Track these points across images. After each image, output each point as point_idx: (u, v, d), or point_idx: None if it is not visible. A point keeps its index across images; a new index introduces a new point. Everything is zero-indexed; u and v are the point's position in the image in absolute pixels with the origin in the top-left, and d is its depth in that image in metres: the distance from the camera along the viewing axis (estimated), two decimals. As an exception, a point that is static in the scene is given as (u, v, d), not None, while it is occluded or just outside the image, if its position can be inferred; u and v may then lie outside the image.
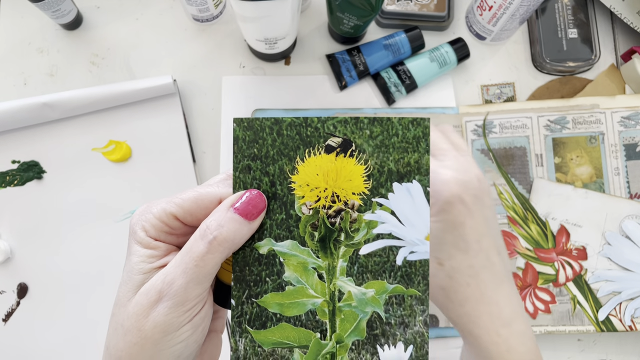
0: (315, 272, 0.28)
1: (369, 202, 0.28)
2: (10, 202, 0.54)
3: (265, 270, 0.28)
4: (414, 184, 0.28)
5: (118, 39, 0.58)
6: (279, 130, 0.28)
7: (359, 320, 0.28)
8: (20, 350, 0.52)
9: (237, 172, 0.27)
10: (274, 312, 0.27)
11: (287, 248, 0.28)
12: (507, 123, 0.56)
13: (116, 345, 0.24)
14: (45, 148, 0.54)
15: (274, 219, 0.27)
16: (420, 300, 0.27)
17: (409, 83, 0.56)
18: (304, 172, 0.28)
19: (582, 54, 0.58)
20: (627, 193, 0.55)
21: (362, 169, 0.28)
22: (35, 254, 0.53)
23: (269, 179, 0.28)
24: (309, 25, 0.59)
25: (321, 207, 0.27)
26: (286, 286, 0.27)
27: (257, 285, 0.27)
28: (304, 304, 0.28)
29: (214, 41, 0.59)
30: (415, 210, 0.29)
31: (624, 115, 0.56)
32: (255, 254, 0.27)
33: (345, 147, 0.28)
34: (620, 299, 0.52)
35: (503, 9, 0.52)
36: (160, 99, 0.55)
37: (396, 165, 0.28)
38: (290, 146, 0.28)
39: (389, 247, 0.28)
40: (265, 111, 0.55)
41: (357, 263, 0.28)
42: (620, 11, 0.57)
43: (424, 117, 0.29)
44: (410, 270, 0.28)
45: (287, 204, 0.28)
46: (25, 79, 0.57)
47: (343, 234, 0.28)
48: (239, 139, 0.28)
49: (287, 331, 0.28)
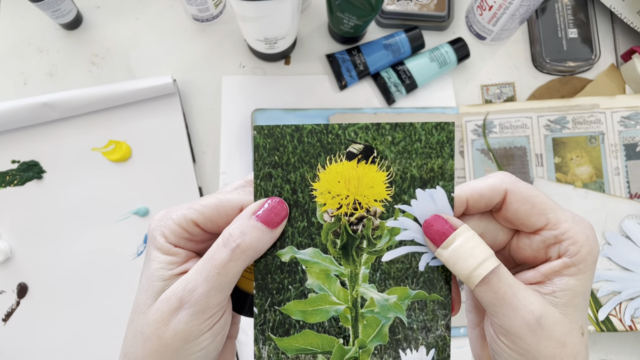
0: (337, 279, 0.28)
1: (391, 208, 0.27)
2: (10, 202, 0.54)
3: (288, 278, 0.28)
4: (437, 189, 0.27)
5: (118, 38, 0.58)
6: (299, 137, 0.28)
7: (382, 325, 0.28)
8: (20, 350, 0.52)
9: (258, 179, 0.27)
10: (297, 319, 0.28)
11: (309, 256, 0.28)
12: (507, 123, 0.56)
13: (135, 352, 0.23)
14: (45, 148, 0.54)
15: (296, 226, 0.27)
16: (442, 305, 0.28)
17: (409, 83, 0.56)
18: (325, 180, 0.27)
19: (582, 54, 0.58)
20: (627, 193, 0.55)
21: (384, 176, 0.28)
22: (35, 254, 0.53)
23: (290, 186, 0.27)
24: (309, 25, 0.59)
25: (343, 215, 0.27)
26: (309, 293, 0.28)
27: (280, 293, 0.27)
28: (327, 310, 0.28)
29: (213, 41, 0.59)
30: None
31: (624, 115, 0.56)
32: (277, 262, 0.27)
33: (366, 153, 0.27)
34: (620, 299, 0.52)
35: (503, 8, 0.52)
36: (160, 99, 0.55)
37: (419, 171, 0.28)
38: (312, 153, 0.28)
39: (412, 253, 0.28)
40: (265, 111, 0.55)
41: (380, 270, 0.28)
42: (620, 11, 0.57)
43: (447, 122, 0.28)
44: (432, 275, 0.28)
45: (309, 211, 0.27)
46: (25, 78, 0.57)
47: (365, 241, 0.28)
48: (260, 147, 0.27)
49: (311, 338, 0.28)
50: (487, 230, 0.27)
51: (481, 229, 0.27)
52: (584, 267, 0.24)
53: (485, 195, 0.25)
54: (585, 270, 0.24)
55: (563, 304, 0.24)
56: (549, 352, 0.23)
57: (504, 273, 0.24)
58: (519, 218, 0.25)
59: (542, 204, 0.24)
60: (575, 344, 0.24)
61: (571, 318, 0.24)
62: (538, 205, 0.24)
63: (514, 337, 0.24)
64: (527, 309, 0.23)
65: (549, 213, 0.24)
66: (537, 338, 0.23)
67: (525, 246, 0.25)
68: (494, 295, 0.24)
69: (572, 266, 0.24)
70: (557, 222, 0.24)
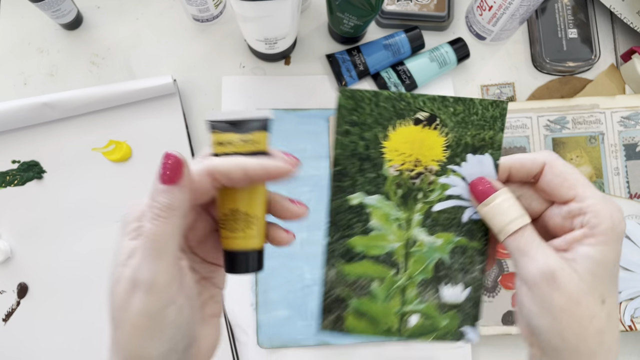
0: (395, 222, 0.34)
1: (444, 168, 0.33)
2: (11, 202, 0.54)
3: (355, 218, 0.34)
4: (485, 156, 0.33)
5: (118, 38, 0.58)
6: (376, 101, 0.33)
7: (427, 263, 0.34)
8: (20, 350, 0.52)
9: (338, 134, 0.33)
10: (359, 251, 0.34)
11: (375, 201, 0.34)
12: (507, 123, 0.56)
13: (118, 339, 0.24)
14: (45, 148, 0.54)
15: (366, 176, 0.33)
16: (480, 252, 0.33)
17: (409, 83, 0.56)
18: (394, 139, 0.33)
19: (582, 54, 0.58)
20: (627, 193, 0.55)
21: (442, 140, 0.33)
22: (36, 254, 0.53)
23: (365, 142, 0.33)
24: (309, 25, 0.59)
25: (405, 170, 0.33)
26: (370, 232, 0.33)
27: (348, 228, 0.34)
28: (384, 247, 0.34)
29: (214, 41, 0.59)
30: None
31: (624, 115, 0.56)
32: (346, 205, 0.33)
33: (430, 120, 0.33)
34: (620, 299, 0.52)
35: (503, 9, 0.52)
36: (161, 99, 0.55)
37: (472, 139, 0.33)
38: (385, 116, 0.33)
39: (457, 206, 0.33)
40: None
41: (430, 217, 0.34)
42: (620, 11, 0.57)
43: (502, 100, 0.34)
44: (473, 227, 0.33)
45: (378, 165, 0.33)
46: (26, 79, 0.57)
47: (421, 193, 0.33)
48: (341, 107, 0.32)
49: (368, 267, 0.34)
50: (524, 197, 0.30)
51: (519, 194, 0.30)
52: (603, 240, 0.26)
53: (526, 165, 0.28)
54: (606, 243, 0.26)
55: (582, 269, 0.26)
56: (562, 305, 0.25)
57: (531, 231, 0.27)
58: (551, 188, 0.27)
59: (574, 180, 0.27)
60: (590, 306, 0.25)
61: (589, 284, 0.25)
62: (570, 180, 0.27)
63: (532, 286, 0.26)
64: (544, 261, 0.26)
65: (578, 188, 0.27)
66: (551, 289, 0.25)
67: (555, 215, 0.28)
68: (518, 246, 0.27)
69: (591, 237, 0.26)
70: (585, 197, 0.26)
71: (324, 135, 0.55)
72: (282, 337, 0.52)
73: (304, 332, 0.52)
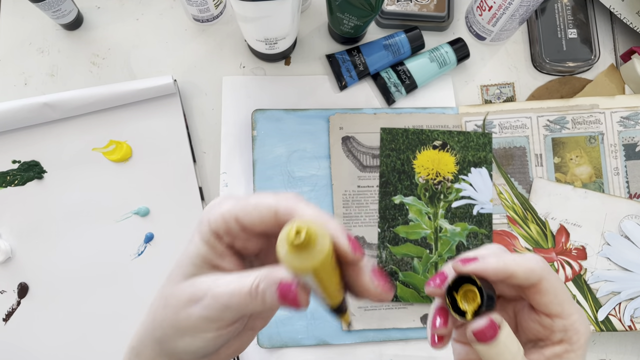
0: (426, 215, 0.51)
1: (457, 177, 0.52)
2: (11, 202, 0.54)
3: (397, 212, 0.51)
4: (482, 169, 0.53)
5: (118, 39, 0.58)
6: (406, 134, 0.53)
7: (451, 245, 0.51)
8: (20, 350, 0.52)
9: (383, 157, 0.52)
10: (402, 236, 0.51)
11: (411, 200, 0.52)
12: (506, 123, 0.56)
13: (156, 310, 0.25)
14: (45, 148, 0.54)
15: (403, 184, 0.52)
16: (487, 236, 0.51)
17: (409, 83, 0.56)
18: (420, 159, 0.52)
19: (582, 54, 0.58)
20: (627, 193, 0.55)
21: (453, 159, 0.52)
22: (36, 254, 0.53)
23: (401, 161, 0.52)
24: (309, 25, 0.59)
25: (430, 179, 0.52)
26: (409, 222, 0.51)
27: (393, 220, 0.51)
28: (420, 232, 0.51)
29: (214, 41, 0.59)
30: (483, 184, 0.53)
31: (624, 115, 0.56)
32: (392, 204, 0.51)
33: (443, 146, 0.53)
34: (619, 299, 0.52)
35: (503, 9, 0.52)
36: (161, 99, 0.55)
37: (473, 158, 0.53)
38: (413, 144, 0.53)
39: (468, 204, 0.52)
40: (266, 111, 0.55)
41: (450, 211, 0.51)
42: (620, 11, 0.57)
43: (489, 132, 0.54)
44: (481, 218, 0.52)
45: (410, 176, 0.52)
46: (26, 79, 0.57)
47: (442, 195, 0.52)
48: (384, 139, 0.53)
49: (410, 248, 0.51)
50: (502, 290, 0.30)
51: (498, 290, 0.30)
52: (581, 353, 0.28)
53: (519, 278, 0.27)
54: (583, 355, 0.28)
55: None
56: None
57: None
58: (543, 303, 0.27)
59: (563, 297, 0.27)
60: None
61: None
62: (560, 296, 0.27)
63: None
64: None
65: (565, 304, 0.27)
66: None
67: (534, 321, 0.28)
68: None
69: (571, 352, 0.27)
70: (569, 314, 0.27)
71: (324, 135, 0.55)
72: (282, 337, 0.52)
73: (304, 332, 0.52)
